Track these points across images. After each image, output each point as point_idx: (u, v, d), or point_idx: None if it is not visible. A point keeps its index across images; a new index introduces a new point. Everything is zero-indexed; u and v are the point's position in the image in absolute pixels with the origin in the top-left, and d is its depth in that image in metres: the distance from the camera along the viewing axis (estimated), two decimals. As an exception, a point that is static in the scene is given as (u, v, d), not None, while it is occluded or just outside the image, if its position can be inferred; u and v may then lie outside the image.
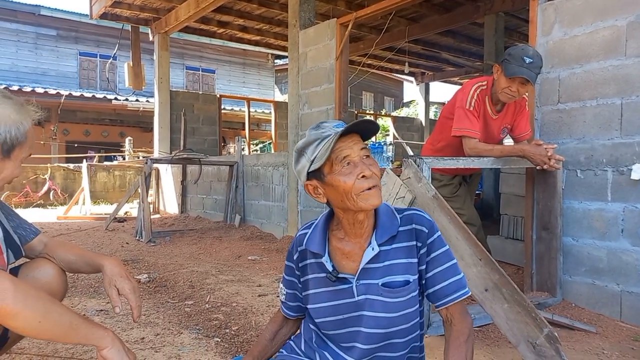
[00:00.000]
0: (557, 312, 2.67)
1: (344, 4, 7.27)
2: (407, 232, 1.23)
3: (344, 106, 4.86)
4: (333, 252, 1.26)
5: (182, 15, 7.44)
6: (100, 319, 2.68)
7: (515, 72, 2.60)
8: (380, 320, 1.20)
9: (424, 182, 2.30)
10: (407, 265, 1.22)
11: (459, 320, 1.22)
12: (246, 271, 4.01)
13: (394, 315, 1.20)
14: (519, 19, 7.89)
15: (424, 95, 12.13)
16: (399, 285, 1.20)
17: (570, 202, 2.92)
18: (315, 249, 1.26)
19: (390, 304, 1.20)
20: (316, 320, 1.29)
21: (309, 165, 1.16)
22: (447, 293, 1.21)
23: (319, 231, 1.27)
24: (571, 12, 2.92)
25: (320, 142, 1.15)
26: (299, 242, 1.33)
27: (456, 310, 1.22)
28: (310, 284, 1.30)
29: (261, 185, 6.17)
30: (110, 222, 6.57)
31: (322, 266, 1.26)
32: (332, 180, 1.16)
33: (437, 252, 1.23)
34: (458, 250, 2.13)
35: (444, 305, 1.23)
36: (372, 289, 1.21)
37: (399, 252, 1.22)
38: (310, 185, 1.20)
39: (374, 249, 1.21)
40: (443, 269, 1.22)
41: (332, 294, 1.25)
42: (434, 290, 1.23)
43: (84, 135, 15.08)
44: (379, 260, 1.21)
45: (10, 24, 14.24)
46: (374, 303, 1.20)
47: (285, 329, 1.44)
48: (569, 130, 2.93)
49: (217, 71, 17.82)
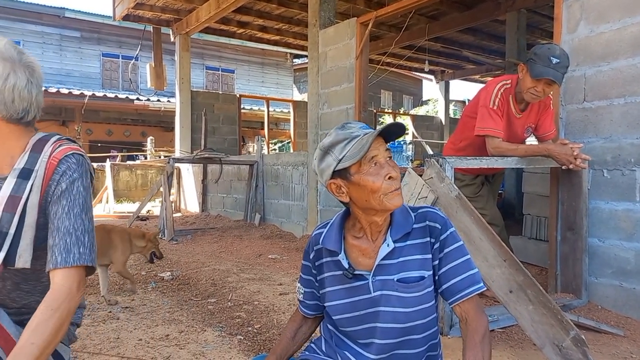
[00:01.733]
0: (582, 315, 2.63)
1: (363, 2, 7.26)
2: (421, 229, 1.25)
3: (363, 105, 4.85)
4: (349, 250, 1.28)
5: (203, 16, 7.52)
6: (125, 316, 2.74)
7: (542, 73, 2.56)
8: (397, 315, 1.21)
9: (447, 182, 2.28)
10: (421, 261, 1.23)
11: (474, 318, 1.21)
12: (267, 270, 4.04)
13: (410, 310, 1.21)
14: (542, 15, 7.75)
15: (444, 94, 12.02)
16: (414, 280, 1.22)
17: (596, 203, 2.87)
18: (331, 246, 1.28)
19: (407, 298, 1.21)
20: (334, 318, 1.31)
21: (336, 163, 1.17)
22: (460, 288, 1.21)
23: (335, 229, 1.29)
24: (598, 8, 2.86)
25: (350, 141, 1.16)
26: (315, 241, 1.34)
27: (471, 308, 1.21)
28: (327, 282, 1.32)
29: (281, 184, 6.20)
30: (133, 220, 6.68)
31: (338, 264, 1.28)
32: (359, 179, 1.17)
33: (450, 247, 1.23)
34: (482, 250, 2.11)
35: (458, 301, 1.22)
36: (388, 284, 1.22)
37: (413, 248, 1.24)
38: (334, 184, 1.21)
39: (389, 245, 1.23)
40: (456, 264, 1.22)
41: (349, 291, 1.27)
42: (447, 286, 1.23)
43: (106, 135, 15.36)
44: (394, 257, 1.23)
45: (36, 26, 14.59)
46: (390, 298, 1.21)
47: (304, 327, 1.45)
48: (595, 129, 2.87)
49: (237, 71, 17.95)
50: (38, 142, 1.18)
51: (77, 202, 1.15)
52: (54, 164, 1.15)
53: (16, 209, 1.11)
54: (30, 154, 1.16)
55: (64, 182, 1.14)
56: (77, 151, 1.20)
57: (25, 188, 1.12)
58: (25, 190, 1.12)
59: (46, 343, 1.02)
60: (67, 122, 14.35)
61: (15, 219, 1.11)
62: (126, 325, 2.57)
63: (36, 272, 1.18)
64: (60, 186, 1.13)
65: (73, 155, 1.18)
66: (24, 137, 1.18)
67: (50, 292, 1.09)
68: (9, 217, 1.11)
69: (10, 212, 1.11)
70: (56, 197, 1.13)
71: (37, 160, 1.15)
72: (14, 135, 1.17)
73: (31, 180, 1.13)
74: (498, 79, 2.87)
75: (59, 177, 1.14)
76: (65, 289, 1.09)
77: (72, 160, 1.17)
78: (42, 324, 1.03)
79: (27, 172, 1.14)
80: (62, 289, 1.09)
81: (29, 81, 1.14)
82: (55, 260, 1.10)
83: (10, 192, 1.12)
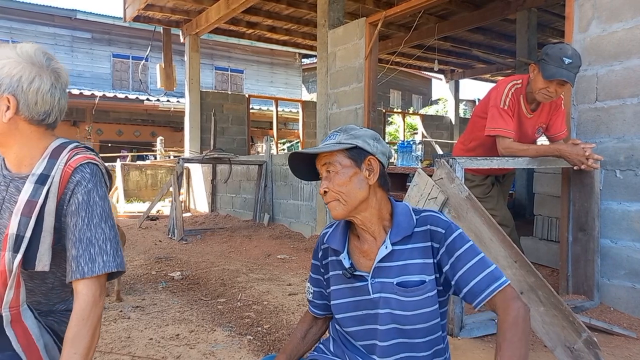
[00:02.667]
0: (594, 316, 2.60)
1: (372, 2, 7.24)
2: (422, 232, 1.23)
3: (372, 105, 4.85)
4: (352, 250, 1.30)
5: (213, 17, 7.56)
6: (136, 315, 2.76)
7: (554, 74, 2.54)
8: (395, 317, 1.21)
9: (457, 183, 2.27)
10: (422, 266, 1.22)
11: (502, 311, 1.16)
12: (276, 270, 4.05)
13: (409, 314, 1.20)
14: (553, 14, 7.68)
15: (454, 93, 11.95)
16: (414, 284, 1.20)
17: (608, 203, 2.84)
18: (335, 245, 1.29)
19: (406, 302, 1.20)
20: (337, 316, 1.32)
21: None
22: (482, 289, 1.17)
23: (340, 229, 1.31)
24: (610, 7, 2.83)
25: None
26: (322, 240, 1.36)
27: (498, 302, 1.16)
28: (332, 281, 1.33)
29: (289, 184, 6.21)
30: (143, 220, 6.73)
31: (340, 263, 1.29)
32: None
33: (460, 250, 1.20)
34: (492, 252, 2.10)
35: (482, 302, 1.18)
36: (387, 287, 1.22)
37: (414, 252, 1.22)
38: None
39: (387, 247, 1.22)
40: (470, 266, 1.19)
41: (351, 291, 1.28)
42: (467, 290, 1.19)
43: (116, 135, 15.48)
44: (393, 259, 1.22)
45: (48, 27, 14.75)
46: (389, 301, 1.21)
47: (314, 328, 1.46)
48: (607, 129, 2.84)
49: (246, 71, 18.00)
50: (57, 148, 1.22)
51: (96, 213, 1.18)
52: (68, 172, 1.18)
53: (32, 213, 1.15)
54: (49, 160, 1.19)
55: (79, 193, 1.18)
56: (92, 160, 1.22)
57: (41, 193, 1.16)
58: (42, 195, 1.16)
59: (87, 350, 1.11)
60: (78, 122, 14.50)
61: (31, 223, 1.15)
62: (137, 324, 2.59)
63: (42, 273, 1.20)
64: (77, 197, 1.17)
65: (88, 165, 1.21)
66: (44, 140, 1.22)
67: (77, 302, 1.14)
68: (26, 221, 1.15)
69: (27, 216, 1.15)
70: (74, 208, 1.17)
71: (54, 166, 1.18)
72: (35, 136, 1.20)
73: (47, 186, 1.17)
74: (508, 78, 2.85)
75: (73, 186, 1.18)
76: (90, 298, 1.14)
77: (86, 170, 1.20)
78: (78, 334, 1.11)
79: (44, 177, 1.17)
80: (87, 298, 1.14)
81: (53, 85, 1.19)
82: (82, 270, 1.14)
83: (28, 197, 1.16)
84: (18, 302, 1.15)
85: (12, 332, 1.14)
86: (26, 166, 1.21)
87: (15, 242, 1.13)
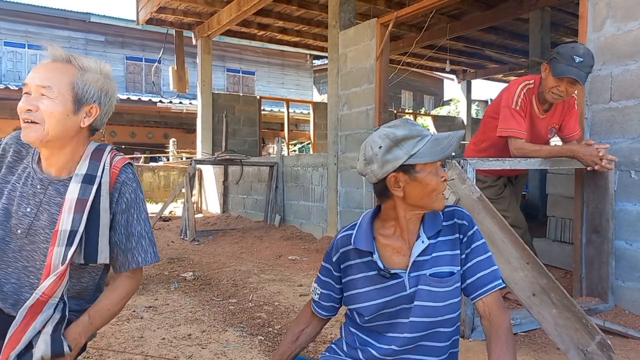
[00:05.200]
0: (609, 319, 2.57)
1: (383, 2, 7.23)
2: (450, 226, 1.29)
3: (384, 106, 4.84)
4: (382, 250, 1.29)
5: (224, 19, 7.61)
6: (149, 315, 2.79)
7: (564, 72, 2.52)
8: (426, 309, 1.24)
9: (469, 184, 2.26)
10: (451, 257, 1.27)
11: (497, 313, 1.25)
12: (287, 271, 4.06)
13: (440, 305, 1.24)
14: (566, 13, 7.60)
15: (466, 94, 11.88)
16: (446, 275, 1.25)
17: (622, 204, 2.80)
18: (364, 247, 1.29)
19: (438, 293, 1.24)
20: (366, 318, 1.31)
21: (407, 158, 1.18)
22: (485, 282, 1.26)
23: (365, 230, 1.30)
24: (624, 6, 2.79)
25: (422, 139, 1.18)
26: (342, 244, 1.35)
27: (493, 302, 1.25)
28: (358, 283, 1.32)
29: (301, 185, 6.22)
30: (156, 221, 6.80)
31: (370, 264, 1.29)
32: (422, 177, 1.19)
33: (476, 243, 1.28)
34: (504, 253, 2.09)
35: (482, 295, 1.26)
36: (422, 279, 1.25)
37: (444, 244, 1.28)
38: (395, 177, 1.21)
39: (423, 241, 1.26)
40: (481, 259, 1.27)
41: (382, 291, 1.28)
42: (472, 281, 1.27)
43: (130, 136, 15.65)
44: (427, 253, 1.26)
45: (63, 31, 14.98)
46: (422, 293, 1.24)
47: (309, 328, 1.46)
48: (621, 129, 2.80)
49: (257, 72, 18.09)
50: (95, 151, 1.34)
51: (143, 209, 1.37)
52: (115, 172, 1.33)
53: (84, 210, 1.26)
54: (91, 162, 1.31)
55: (127, 192, 1.33)
56: (129, 161, 1.39)
57: (90, 191, 1.28)
58: (91, 193, 1.27)
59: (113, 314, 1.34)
60: (92, 124, 14.66)
61: (83, 219, 1.25)
62: (149, 324, 2.62)
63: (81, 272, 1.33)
64: (125, 196, 1.33)
65: (128, 165, 1.37)
66: (86, 143, 1.35)
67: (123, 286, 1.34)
68: (79, 217, 1.25)
69: (80, 212, 1.25)
70: (125, 206, 1.33)
71: (97, 167, 1.31)
72: (85, 141, 1.34)
73: (95, 185, 1.29)
74: (521, 79, 2.83)
75: (120, 185, 1.33)
76: (136, 284, 1.37)
77: (129, 170, 1.36)
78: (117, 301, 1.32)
79: (90, 177, 1.29)
80: (135, 284, 1.37)
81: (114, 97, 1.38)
82: (136, 260, 1.33)
83: (77, 195, 1.26)
84: (52, 292, 1.20)
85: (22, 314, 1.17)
86: (67, 169, 1.31)
87: (69, 237, 1.23)
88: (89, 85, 1.29)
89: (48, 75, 1.25)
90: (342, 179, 5.30)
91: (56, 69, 1.27)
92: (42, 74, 1.25)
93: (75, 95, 1.26)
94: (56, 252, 1.21)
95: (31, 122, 1.23)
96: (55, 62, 1.28)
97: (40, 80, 1.24)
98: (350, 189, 5.16)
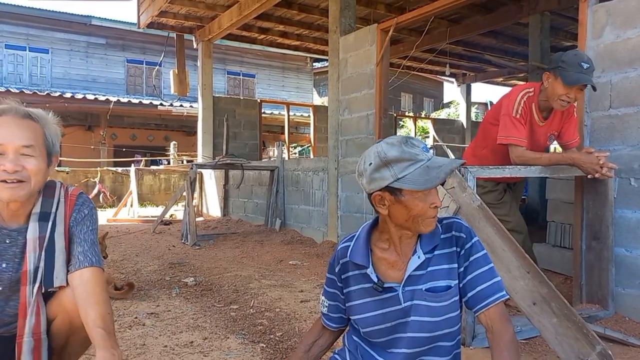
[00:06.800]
0: (609, 326, 2.58)
1: (383, 7, 7.25)
2: (448, 239, 1.28)
3: (384, 111, 4.85)
4: (377, 263, 1.30)
5: (225, 23, 7.63)
6: (151, 322, 2.80)
7: (579, 80, 2.53)
8: (424, 324, 1.23)
9: (469, 192, 2.27)
10: (448, 271, 1.26)
11: (500, 326, 1.23)
12: (288, 276, 4.07)
13: (438, 319, 1.23)
14: (566, 17, 7.61)
15: (465, 97, 11.90)
16: (442, 290, 1.24)
17: (622, 212, 2.81)
18: (359, 260, 1.29)
19: (435, 308, 1.23)
20: (363, 330, 1.32)
21: (392, 180, 1.16)
22: (486, 295, 1.24)
23: (362, 243, 1.31)
24: (624, 13, 2.81)
25: (413, 164, 1.16)
26: (342, 255, 1.36)
27: (496, 315, 1.23)
28: (355, 295, 1.33)
29: (301, 189, 6.23)
30: (157, 224, 6.81)
31: (367, 277, 1.29)
32: (408, 201, 1.18)
33: (475, 255, 1.26)
34: (505, 262, 2.10)
35: (484, 308, 1.24)
36: (417, 294, 1.24)
37: (441, 258, 1.26)
38: (380, 196, 1.21)
39: (419, 257, 1.25)
40: (482, 272, 1.25)
41: (378, 303, 1.28)
42: (473, 294, 1.25)
43: (130, 139, 15.67)
44: (423, 267, 1.25)
45: (64, 34, 15.01)
46: (419, 308, 1.23)
47: (322, 339, 1.47)
48: (621, 136, 2.82)
49: (257, 75, 18.12)
50: (47, 188, 1.44)
51: (96, 225, 1.51)
52: (73, 199, 1.47)
53: (43, 246, 1.38)
54: (44, 199, 1.42)
55: (85, 209, 1.48)
56: (82, 191, 1.56)
57: (47, 227, 1.40)
58: (48, 228, 1.39)
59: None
60: (93, 127, 14.71)
61: (42, 254, 1.38)
62: (151, 331, 2.63)
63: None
64: (83, 212, 1.47)
65: (82, 194, 1.52)
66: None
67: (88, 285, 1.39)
68: (38, 253, 1.38)
69: (39, 250, 1.38)
70: (80, 219, 1.46)
71: (52, 203, 1.43)
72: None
73: (52, 218, 1.40)
74: (520, 87, 2.85)
75: (79, 206, 1.47)
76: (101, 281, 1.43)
77: (84, 197, 1.52)
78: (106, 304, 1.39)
79: (45, 214, 1.41)
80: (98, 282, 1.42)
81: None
82: (90, 261, 1.42)
83: (37, 235, 1.38)
84: (39, 329, 1.32)
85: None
86: (22, 215, 1.39)
87: (34, 274, 1.36)
88: (54, 137, 1.39)
89: (27, 134, 1.31)
90: (342, 184, 5.32)
91: (27, 126, 1.32)
92: (19, 133, 1.30)
93: (47, 150, 1.37)
94: (28, 290, 1.34)
95: (18, 181, 1.29)
96: (21, 118, 1.32)
97: (21, 140, 1.29)
98: (350, 193, 5.17)
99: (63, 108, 12.68)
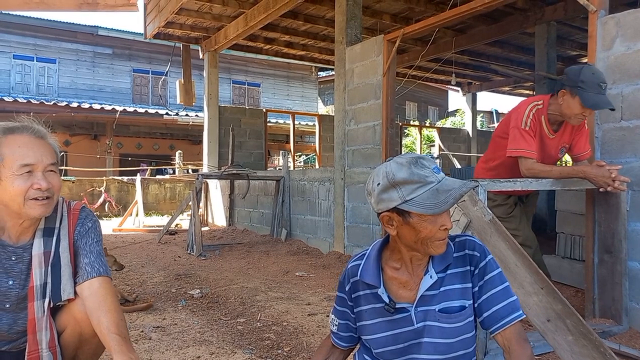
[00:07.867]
0: (623, 342, 2.53)
1: (389, 17, 7.27)
2: (461, 257, 1.24)
3: (391, 122, 4.84)
4: (388, 283, 1.27)
5: (231, 34, 7.67)
6: (157, 336, 2.77)
7: (598, 104, 2.52)
8: (438, 346, 1.20)
9: (480, 206, 2.24)
10: (462, 290, 1.23)
11: (517, 347, 1.19)
12: (294, 288, 4.03)
13: (452, 341, 1.20)
14: (572, 27, 7.60)
15: (471, 106, 11.88)
16: (456, 310, 1.21)
17: (635, 225, 2.77)
18: (370, 280, 1.27)
19: (448, 329, 1.20)
20: (375, 351, 1.29)
21: (400, 202, 1.13)
22: (502, 315, 1.20)
23: (373, 262, 1.28)
24: (634, 25, 2.79)
25: (422, 187, 1.12)
26: (352, 274, 1.33)
27: (513, 336, 1.20)
28: (366, 315, 1.30)
29: (307, 200, 6.21)
30: (163, 234, 6.80)
31: (378, 297, 1.26)
32: (416, 223, 1.14)
33: (490, 274, 1.23)
34: (517, 277, 2.06)
35: (500, 329, 1.21)
36: (430, 315, 1.21)
37: (454, 277, 1.23)
38: (388, 217, 1.18)
39: (432, 277, 1.22)
40: (497, 291, 1.22)
41: (390, 324, 1.26)
42: (488, 314, 1.22)
43: (136, 148, 15.74)
44: (436, 287, 1.22)
45: (71, 44, 15.15)
46: (432, 329, 1.20)
47: (332, 358, 1.44)
48: (633, 148, 2.78)
49: (262, 85, 18.20)
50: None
51: (100, 237, 1.54)
52: (76, 214, 1.51)
53: (48, 261, 1.41)
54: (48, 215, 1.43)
55: (89, 222, 1.52)
56: (84, 204, 1.59)
57: (52, 242, 1.43)
58: (52, 243, 1.43)
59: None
60: (99, 136, 14.80)
61: (49, 269, 1.40)
62: (158, 345, 2.60)
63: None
64: (87, 225, 1.51)
65: (84, 207, 1.56)
66: None
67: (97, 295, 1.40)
68: (45, 269, 1.40)
69: (45, 265, 1.40)
70: (85, 232, 1.49)
71: (55, 218, 1.46)
72: None
73: (56, 232, 1.43)
74: (529, 99, 2.83)
75: (82, 220, 1.51)
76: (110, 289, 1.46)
77: (87, 210, 1.56)
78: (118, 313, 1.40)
79: (50, 230, 1.44)
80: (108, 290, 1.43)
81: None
82: (98, 270, 1.45)
83: (42, 250, 1.41)
84: (54, 342, 1.35)
85: None
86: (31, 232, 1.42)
87: (42, 289, 1.38)
88: (59, 153, 1.45)
89: (50, 152, 1.38)
90: (349, 194, 5.29)
91: (47, 144, 1.40)
92: (45, 151, 1.37)
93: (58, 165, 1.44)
94: (36, 306, 1.37)
95: (47, 198, 1.35)
96: (41, 137, 1.39)
97: (48, 159, 1.36)
98: (357, 204, 5.14)
99: (69, 117, 12.77)
